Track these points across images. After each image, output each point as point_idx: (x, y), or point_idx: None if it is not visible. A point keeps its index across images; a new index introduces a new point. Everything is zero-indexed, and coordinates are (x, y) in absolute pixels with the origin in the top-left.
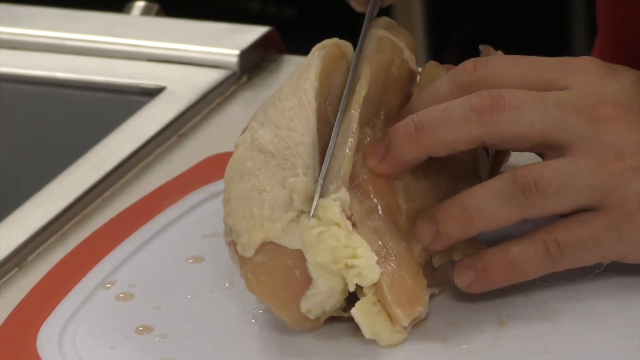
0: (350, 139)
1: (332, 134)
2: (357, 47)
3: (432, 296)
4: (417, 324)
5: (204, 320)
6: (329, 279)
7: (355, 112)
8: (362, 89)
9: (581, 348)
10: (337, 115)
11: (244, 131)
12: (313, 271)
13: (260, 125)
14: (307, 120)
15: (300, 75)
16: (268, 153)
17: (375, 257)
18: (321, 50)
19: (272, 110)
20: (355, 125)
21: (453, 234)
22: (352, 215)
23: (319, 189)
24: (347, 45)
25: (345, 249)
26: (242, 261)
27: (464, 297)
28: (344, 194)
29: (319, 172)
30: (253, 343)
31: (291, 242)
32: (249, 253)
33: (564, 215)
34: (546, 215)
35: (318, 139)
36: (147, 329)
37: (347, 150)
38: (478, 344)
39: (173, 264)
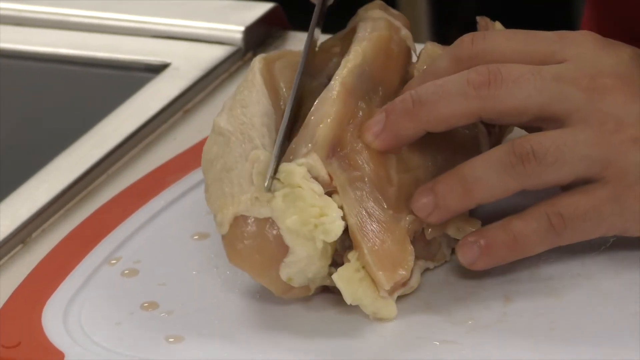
0: (333, 106)
1: (289, 99)
2: (308, 34)
3: (427, 270)
4: (416, 299)
5: (209, 297)
6: (304, 244)
7: (335, 82)
8: (348, 62)
9: (587, 324)
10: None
11: None
12: (287, 238)
13: (219, 116)
14: (256, 92)
15: None
16: (227, 132)
17: (341, 213)
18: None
19: (229, 101)
20: (335, 94)
21: (452, 206)
22: (332, 180)
23: (272, 164)
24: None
25: (312, 208)
26: (222, 239)
27: (470, 273)
28: (313, 159)
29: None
30: (258, 319)
31: (260, 212)
32: (224, 230)
33: (565, 189)
34: (545, 186)
35: (274, 110)
36: (153, 305)
37: (326, 117)
38: (484, 319)
39: (178, 240)
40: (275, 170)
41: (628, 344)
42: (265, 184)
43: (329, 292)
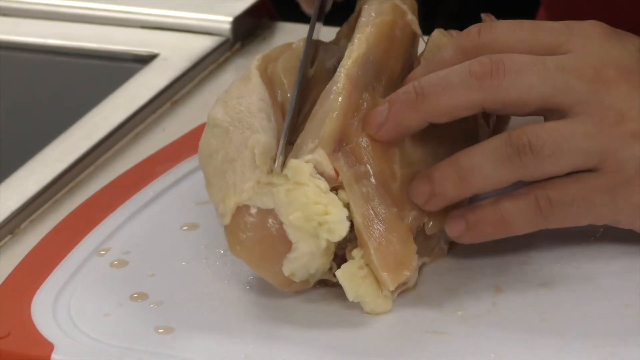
0: (338, 99)
1: (292, 92)
2: (308, 34)
3: (423, 265)
4: (407, 291)
5: (199, 287)
6: (307, 241)
7: (340, 74)
8: (352, 53)
9: (578, 315)
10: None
11: None
12: (290, 233)
13: (213, 110)
14: (251, 83)
15: None
16: (225, 123)
17: (347, 213)
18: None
19: (222, 95)
20: (340, 86)
21: (448, 194)
22: (337, 176)
23: (282, 142)
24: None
25: (316, 205)
26: (224, 230)
27: (460, 264)
28: (319, 155)
29: (281, 127)
30: (248, 310)
31: (263, 202)
32: (227, 220)
33: None
34: (542, 177)
35: (271, 100)
36: (142, 296)
37: (332, 111)
38: (474, 310)
39: (167, 231)
40: (285, 153)
41: (618, 335)
42: (275, 165)
43: (321, 284)
